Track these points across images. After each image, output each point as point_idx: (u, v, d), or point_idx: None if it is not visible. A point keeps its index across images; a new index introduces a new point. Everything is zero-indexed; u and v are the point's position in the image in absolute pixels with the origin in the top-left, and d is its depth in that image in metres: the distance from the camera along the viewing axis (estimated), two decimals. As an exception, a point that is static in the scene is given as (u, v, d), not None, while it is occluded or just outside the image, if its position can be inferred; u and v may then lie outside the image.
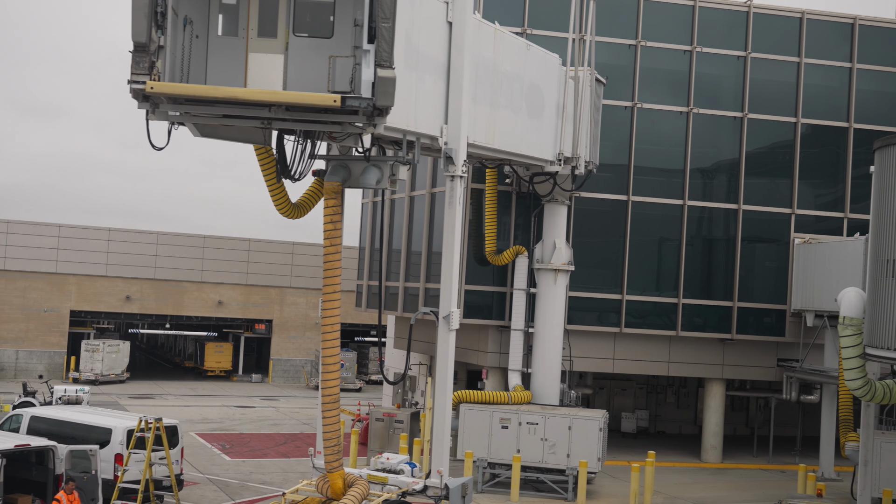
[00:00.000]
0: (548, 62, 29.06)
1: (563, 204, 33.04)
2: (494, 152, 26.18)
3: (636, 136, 35.62)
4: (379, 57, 15.91)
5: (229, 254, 59.39)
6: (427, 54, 21.93)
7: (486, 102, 24.92)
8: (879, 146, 17.04)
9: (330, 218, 21.62)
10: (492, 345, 34.93)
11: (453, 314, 23.14)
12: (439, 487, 22.73)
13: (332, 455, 21.85)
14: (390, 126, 20.65)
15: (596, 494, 30.36)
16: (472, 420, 29.97)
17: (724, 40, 36.43)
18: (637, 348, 35.84)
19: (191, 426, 40.17)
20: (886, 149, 16.70)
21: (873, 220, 17.17)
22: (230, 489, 28.49)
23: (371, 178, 21.77)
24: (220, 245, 59.17)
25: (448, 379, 23.29)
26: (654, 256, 36.03)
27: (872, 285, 17.10)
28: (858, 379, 20.69)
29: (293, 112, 16.37)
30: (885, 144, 16.89)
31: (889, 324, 16.46)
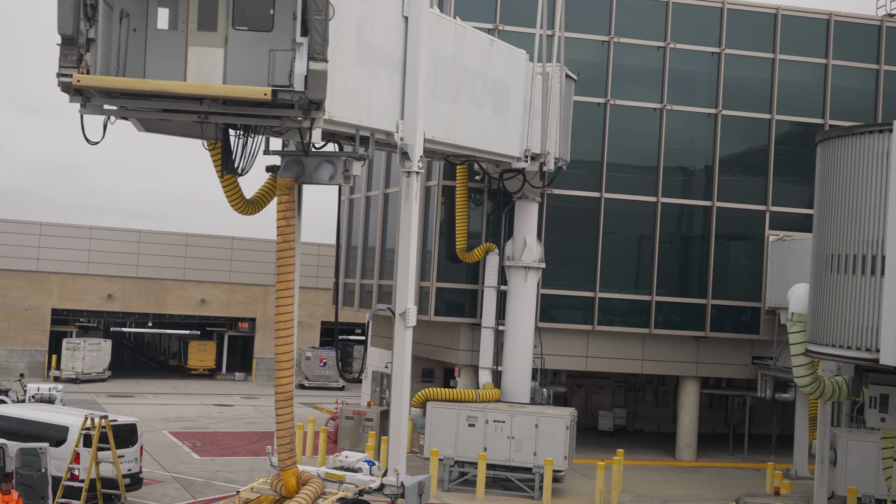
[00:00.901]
0: (514, 58, 28.89)
1: (534, 201, 32.85)
2: (457, 148, 26.02)
3: (609, 132, 35.44)
4: (312, 50, 15.73)
5: (212, 252, 59.20)
6: (382, 49, 21.76)
7: (446, 98, 24.74)
8: (820, 140, 16.86)
9: (283, 214, 21.49)
10: (464, 343, 34.77)
11: (409, 311, 22.99)
12: (396, 486, 22.56)
13: (285, 453, 21.72)
14: (341, 121, 20.54)
15: (564, 493, 30.19)
16: (439, 418, 29.78)
17: (699, 36, 36.23)
18: (610, 346, 35.66)
19: (165, 424, 40.03)
20: (827, 142, 16.53)
21: (816, 215, 17.00)
22: (194, 487, 28.33)
23: (324, 173, 21.65)
24: (202, 243, 58.96)
25: (405, 377, 23.14)
26: (628, 254, 35.86)
27: (815, 281, 16.93)
28: (807, 376, 20.54)
29: (230, 106, 16.19)
30: (826, 138, 16.70)
31: (830, 320, 16.29)
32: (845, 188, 16.03)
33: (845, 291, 15.94)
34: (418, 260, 35.49)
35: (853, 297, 15.71)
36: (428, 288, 34.55)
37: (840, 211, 16.14)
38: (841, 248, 16.05)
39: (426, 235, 35.13)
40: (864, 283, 15.17)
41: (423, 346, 38.29)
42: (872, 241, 14.99)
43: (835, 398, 21.77)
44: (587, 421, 43.16)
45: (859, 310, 15.48)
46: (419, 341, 38.42)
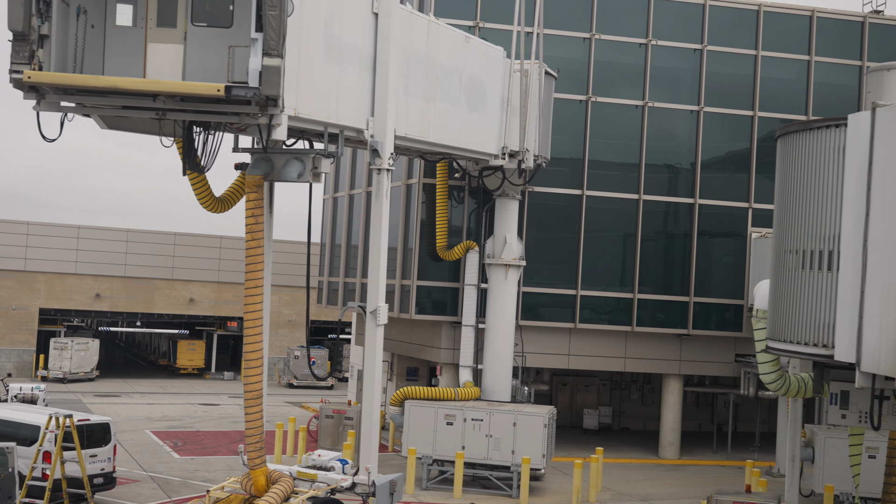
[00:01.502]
0: (490, 55, 28.78)
1: (514, 199, 32.76)
2: (430, 146, 25.91)
3: (591, 129, 35.33)
4: (266, 46, 15.62)
5: (201, 251, 59.10)
6: (350, 46, 21.66)
7: (419, 95, 24.64)
8: (781, 134, 16.74)
9: (252, 212, 21.40)
10: (445, 341, 34.68)
11: (381, 309, 22.90)
12: (367, 484, 22.46)
13: (254, 452, 21.63)
14: (308, 118, 20.47)
15: (543, 491, 30.10)
16: (417, 416, 29.68)
17: (680, 33, 36.12)
18: (592, 344, 35.55)
19: (148, 424, 39.94)
20: (786, 137, 16.41)
21: (776, 211, 16.88)
22: (170, 487, 28.23)
23: (292, 171, 21.55)
24: (191, 242, 58.86)
25: (376, 375, 23.04)
26: (610, 251, 35.75)
27: (774, 277, 16.82)
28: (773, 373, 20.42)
29: (187, 103, 16.09)
30: (785, 133, 16.59)
31: (789, 316, 16.18)
32: (803, 183, 15.94)
33: (803, 287, 15.83)
34: (400, 258, 35.43)
35: (811, 293, 15.61)
36: (409, 286, 34.46)
37: (798, 206, 16.05)
38: (799, 243, 15.95)
39: (407, 233, 35.05)
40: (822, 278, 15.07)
41: (406, 345, 38.24)
42: (829, 236, 14.89)
43: (800, 395, 21.66)
44: (572, 419, 43.10)
45: (816, 306, 15.38)
46: (402, 340, 38.40)
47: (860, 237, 13.62)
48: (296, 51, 19.60)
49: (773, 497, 22.16)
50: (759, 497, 21.64)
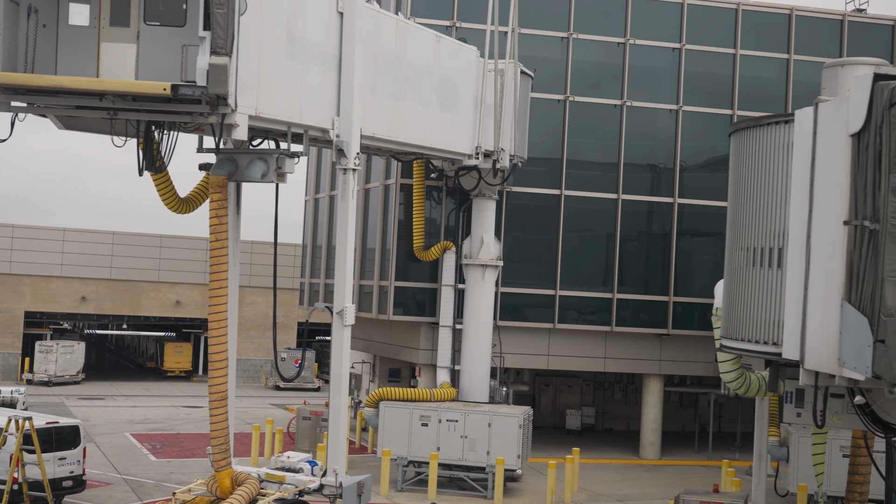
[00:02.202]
0: (463, 54, 28.68)
1: (492, 199, 32.65)
2: (401, 145, 25.79)
3: (569, 129, 35.23)
4: (214, 44, 15.51)
5: (187, 253, 58.96)
6: (314, 45, 21.54)
7: (387, 94, 24.53)
8: (734, 130, 16.64)
9: (215, 213, 21.33)
10: (424, 342, 34.55)
11: (347, 309, 22.76)
12: (335, 486, 22.37)
13: (219, 454, 21.54)
14: (271, 118, 20.35)
15: (519, 492, 29.98)
16: (391, 418, 29.57)
17: (659, 32, 36.04)
18: (572, 344, 35.43)
19: (128, 426, 39.82)
20: (739, 133, 16.32)
21: (729, 208, 16.78)
22: (143, 489, 28.11)
23: (256, 171, 21.47)
24: (177, 245, 58.71)
25: (343, 376, 22.90)
26: (589, 251, 35.65)
27: (728, 275, 16.72)
28: (732, 371, 20.36)
29: (139, 102, 15.99)
30: (738, 129, 16.50)
31: (741, 314, 16.08)
32: (754, 180, 15.85)
33: (754, 285, 15.74)
34: (378, 259, 35.33)
35: (761, 291, 15.51)
36: (387, 287, 34.35)
37: (749, 203, 15.97)
38: (750, 240, 15.87)
39: (385, 234, 34.95)
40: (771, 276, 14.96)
41: (386, 346, 38.13)
42: (777, 233, 14.80)
43: (761, 394, 21.56)
44: (555, 420, 42.99)
45: (767, 303, 15.28)
46: (383, 341, 38.29)
47: (805, 234, 13.53)
48: (256, 50, 19.49)
49: (741, 497, 22.05)
50: (727, 497, 21.53)
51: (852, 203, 12.40)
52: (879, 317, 11.61)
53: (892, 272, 11.57)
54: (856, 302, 12.11)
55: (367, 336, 39.66)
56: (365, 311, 36.42)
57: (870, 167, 12.02)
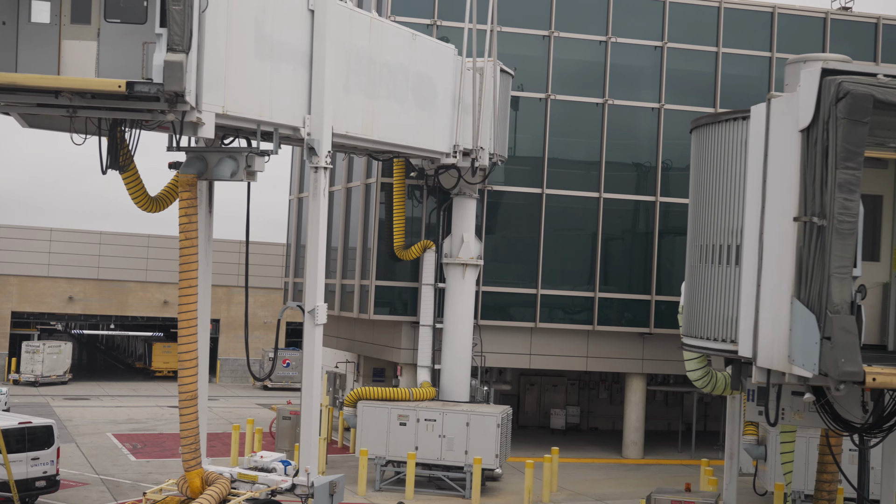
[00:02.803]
0: (440, 52, 28.59)
1: (472, 197, 32.55)
2: (375, 144, 25.69)
3: (551, 128, 35.15)
4: (170, 41, 15.43)
5: (175, 253, 58.37)
6: (284, 43, 21.46)
7: (361, 93, 24.43)
8: (695, 126, 16.57)
9: (185, 211, 21.25)
10: (405, 341, 34.43)
11: (319, 308, 22.68)
12: (307, 485, 22.29)
13: (188, 454, 21.45)
14: (239, 116, 20.29)
15: (499, 491, 29.91)
16: (370, 417, 29.48)
17: (640, 30, 35.95)
18: (554, 343, 35.34)
19: (111, 427, 39.72)
20: (700, 129, 16.25)
21: (691, 205, 16.70)
22: (119, 490, 28.02)
23: (225, 169, 21.41)
24: (164, 244, 58.49)
25: (315, 375, 22.81)
26: (571, 250, 35.53)
27: (689, 272, 16.63)
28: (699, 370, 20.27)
29: (98, 100, 15.90)
30: (698, 125, 16.42)
31: (701, 312, 16.00)
32: (713, 177, 15.77)
33: (713, 282, 15.66)
34: (359, 258, 35.23)
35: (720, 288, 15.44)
36: (368, 286, 34.25)
37: (709, 200, 15.89)
38: (710, 238, 15.80)
39: (366, 233, 34.86)
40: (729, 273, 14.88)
41: (368, 345, 38.04)
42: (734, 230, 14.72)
43: (727, 392, 21.46)
44: (540, 419, 42.91)
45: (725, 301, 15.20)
46: (365, 340, 38.21)
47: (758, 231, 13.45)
48: (223, 48, 19.42)
49: (713, 496, 21.98)
50: (699, 496, 21.46)
51: (802, 199, 12.33)
52: (826, 313, 11.55)
53: (839, 269, 11.51)
54: (804, 299, 12.04)
55: (351, 335, 39.58)
56: (347, 310, 36.35)
57: (818, 163, 11.95)
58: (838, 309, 11.50)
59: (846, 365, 11.36)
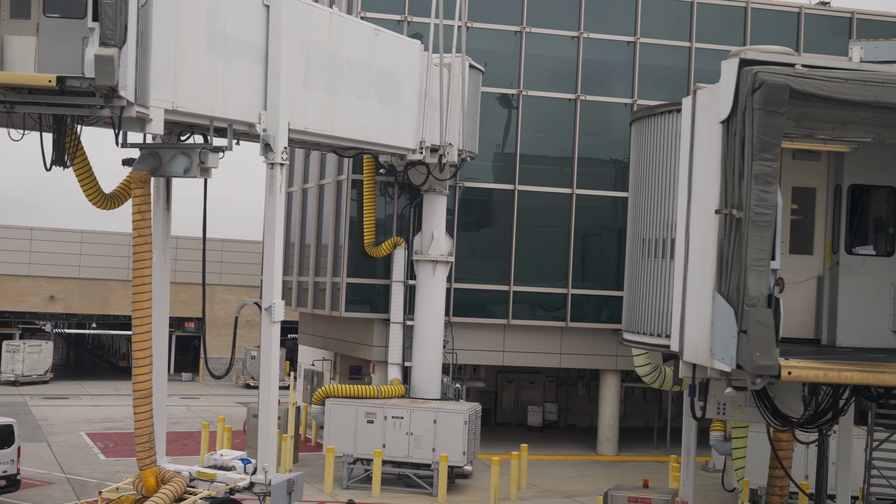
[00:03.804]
0: (405, 48, 28.43)
1: (442, 194, 32.39)
2: (337, 140, 25.52)
3: (523, 124, 35.01)
4: (103, 35, 15.28)
5: (156, 252, 58.49)
6: (238, 38, 21.29)
7: (321, 88, 24.26)
8: (634, 119, 16.43)
9: (137, 208, 21.12)
10: (377, 338, 34.30)
11: (276, 305, 22.52)
12: (264, 483, 22.17)
13: (143, 452, 21.33)
14: (189, 112, 20.12)
15: (466, 489, 29.81)
16: (337, 415, 29.37)
17: (613, 25, 35.81)
18: (527, 340, 35.21)
19: (85, 426, 39.60)
20: (638, 122, 16.12)
21: (630, 198, 16.55)
22: (84, 489, 27.89)
23: (178, 166, 21.25)
24: (145, 243, 58.29)
25: (272, 373, 22.64)
26: (543, 247, 35.35)
27: (629, 266, 16.48)
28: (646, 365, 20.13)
29: (35, 95, 15.75)
30: (638, 117, 16.29)
31: (639, 307, 15.88)
32: (650, 170, 15.65)
33: (650, 276, 15.55)
34: (331, 255, 35.10)
35: (655, 283, 15.33)
36: (339, 283, 34.12)
37: (646, 194, 15.76)
38: (647, 231, 15.68)
39: (338, 230, 34.73)
40: (664, 267, 14.75)
41: (342, 343, 37.91)
42: (668, 224, 14.59)
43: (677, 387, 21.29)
44: (518, 416, 42.77)
45: (660, 295, 15.09)
46: (339, 338, 38.08)
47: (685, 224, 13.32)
48: (172, 43, 19.27)
49: (670, 492, 21.86)
50: (655, 492, 21.35)
51: (723, 191, 12.20)
52: (743, 306, 11.43)
53: (755, 261, 11.38)
54: (725, 292, 11.92)
55: (326, 333, 39.46)
56: (319, 307, 36.22)
57: (736, 154, 11.82)
58: (754, 302, 11.38)
59: (761, 359, 11.24)
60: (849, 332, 15.53)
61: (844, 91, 11.82)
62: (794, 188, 15.74)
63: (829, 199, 15.84)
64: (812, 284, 15.88)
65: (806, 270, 15.85)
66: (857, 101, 11.89)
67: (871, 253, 15.82)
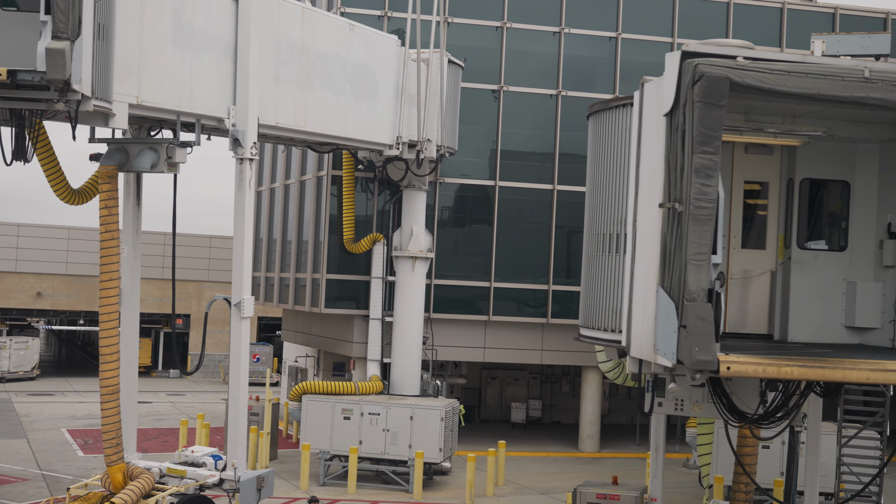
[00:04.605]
0: (381, 43, 28.32)
1: (421, 190, 32.29)
2: (310, 135, 25.42)
3: (504, 119, 34.91)
4: (55, 28, 15.18)
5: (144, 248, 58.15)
6: (206, 32, 21.20)
7: (292, 83, 24.15)
8: (590, 112, 16.29)
9: (105, 203, 21.02)
10: (357, 335, 34.20)
11: (245, 301, 22.44)
12: (234, 480, 22.10)
13: (110, 448, 21.25)
14: (155, 106, 20.04)
15: (444, 485, 29.73)
16: (313, 411, 29.27)
17: (594, 21, 35.68)
18: (508, 336, 35.11)
19: (68, 422, 39.50)
20: (595, 115, 15.98)
21: (588, 192, 16.40)
22: (59, 485, 27.76)
23: (145, 161, 21.15)
24: (133, 239, 58.16)
25: (242, 368, 22.57)
26: (524, 243, 35.25)
27: (586, 261, 16.37)
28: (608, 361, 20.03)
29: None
30: (595, 111, 16.15)
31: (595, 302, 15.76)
32: (605, 164, 15.54)
33: (605, 272, 15.45)
34: (311, 252, 35.00)
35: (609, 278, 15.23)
36: (319, 280, 34.02)
37: (602, 188, 15.65)
38: (602, 226, 15.57)
39: (318, 226, 34.62)
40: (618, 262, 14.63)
41: (324, 340, 37.83)
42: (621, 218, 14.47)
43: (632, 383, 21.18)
44: (502, 413, 42.67)
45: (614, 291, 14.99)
46: (321, 335, 37.99)
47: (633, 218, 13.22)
48: (137, 37, 19.20)
49: (639, 489, 21.79)
50: (623, 489, 21.28)
51: (666, 185, 12.09)
52: (683, 301, 11.33)
53: (695, 255, 11.28)
54: (667, 287, 11.82)
55: (308, 330, 39.38)
56: (300, 304, 36.13)
57: (678, 148, 11.71)
58: (694, 297, 11.27)
59: (699, 354, 11.14)
60: (801, 327, 15.44)
61: (786, 84, 11.72)
62: (747, 182, 15.65)
63: (781, 193, 15.74)
64: (766, 279, 15.78)
65: (759, 265, 15.75)
66: (800, 93, 11.80)
67: (823, 248, 15.73)
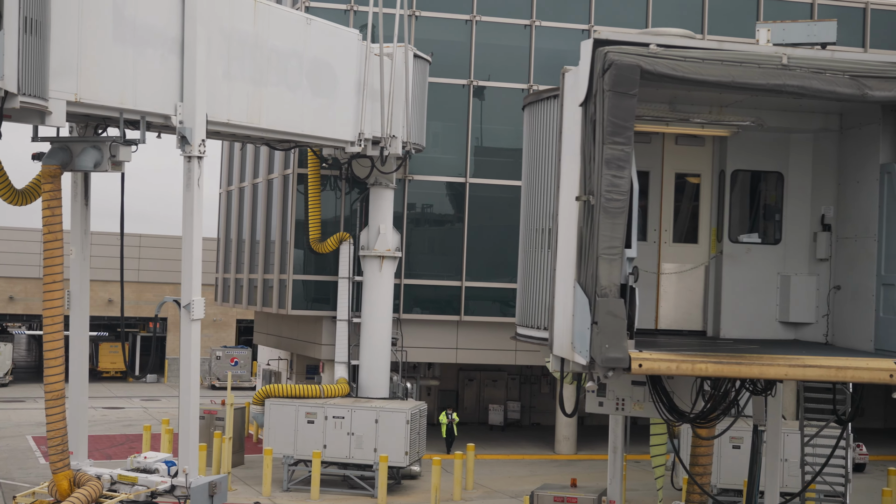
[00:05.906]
0: (340, 37, 27.61)
1: (388, 187, 31.58)
2: (265, 132, 24.68)
3: (473, 115, 34.24)
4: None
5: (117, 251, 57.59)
6: (150, 27, 20.49)
7: (245, 79, 23.43)
8: (528, 102, 15.63)
9: (47, 204, 20.54)
10: (326, 337, 33.49)
11: (195, 303, 21.77)
12: (185, 486, 21.46)
13: (55, 455, 20.61)
14: (95, 103, 19.37)
15: (411, 490, 29.08)
16: (277, 415, 28.59)
17: (566, 13, 35.02)
18: (480, 337, 34.43)
19: (35, 429, 38.78)
20: (530, 107, 15.30)
21: (523, 186, 15.73)
22: (15, 492, 27.02)
23: (88, 160, 20.57)
24: (108, 241, 57.17)
25: (192, 372, 21.90)
26: (495, 241, 34.55)
27: (522, 258, 15.70)
28: (553, 361, 19.28)
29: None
30: (529, 102, 15.48)
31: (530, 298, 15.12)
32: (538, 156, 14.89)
33: (538, 269, 14.81)
34: (278, 252, 34.32)
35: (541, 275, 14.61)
36: (286, 280, 33.33)
37: (536, 182, 15.00)
38: (537, 221, 14.93)
39: (284, 226, 33.93)
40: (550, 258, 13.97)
41: (294, 342, 37.14)
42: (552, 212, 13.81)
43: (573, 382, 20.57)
44: (480, 415, 42.01)
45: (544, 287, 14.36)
46: (291, 337, 37.30)
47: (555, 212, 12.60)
48: (75, 33, 18.55)
49: (596, 491, 21.19)
50: (582, 491, 20.72)
51: (582, 178, 11.46)
52: (595, 296, 10.73)
53: (606, 249, 10.65)
54: (583, 282, 11.21)
55: (279, 332, 38.68)
56: (268, 305, 35.44)
57: (591, 138, 11.09)
58: (606, 292, 10.66)
59: (609, 350, 10.56)
60: (733, 323, 14.85)
61: (699, 71, 11.15)
62: (678, 174, 15.05)
63: (714, 185, 15.15)
64: (699, 274, 15.18)
65: (692, 259, 15.16)
66: (714, 81, 11.25)
67: (756, 241, 15.13)
